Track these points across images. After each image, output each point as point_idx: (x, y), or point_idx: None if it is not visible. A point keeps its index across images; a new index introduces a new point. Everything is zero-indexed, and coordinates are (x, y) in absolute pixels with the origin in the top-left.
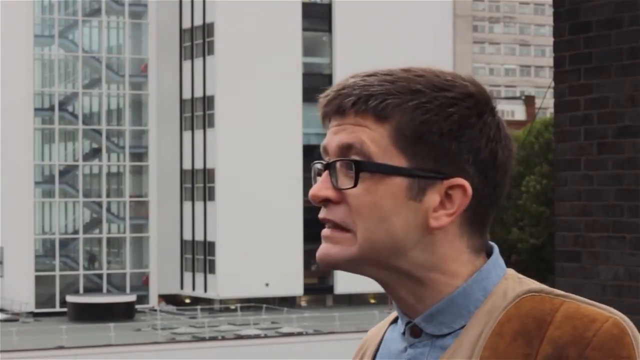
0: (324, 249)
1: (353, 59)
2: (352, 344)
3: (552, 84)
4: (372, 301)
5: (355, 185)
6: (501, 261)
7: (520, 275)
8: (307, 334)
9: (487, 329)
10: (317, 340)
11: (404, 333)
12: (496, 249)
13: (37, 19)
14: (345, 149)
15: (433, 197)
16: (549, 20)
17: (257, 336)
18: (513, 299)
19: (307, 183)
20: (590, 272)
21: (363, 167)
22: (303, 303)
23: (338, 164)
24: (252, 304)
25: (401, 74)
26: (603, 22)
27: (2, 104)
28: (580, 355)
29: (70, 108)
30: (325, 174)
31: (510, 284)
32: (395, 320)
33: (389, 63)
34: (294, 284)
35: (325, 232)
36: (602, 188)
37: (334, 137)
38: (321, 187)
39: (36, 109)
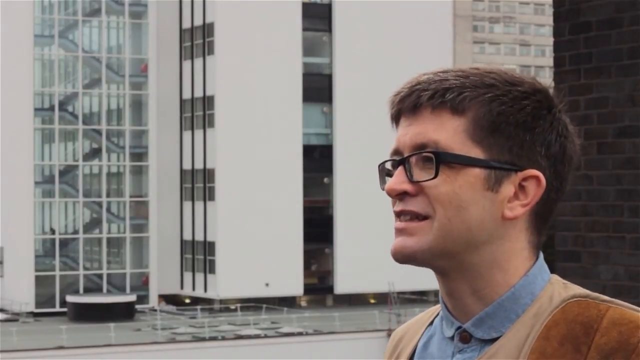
0: (400, 242)
1: (353, 59)
2: (352, 344)
3: (552, 84)
4: (372, 301)
5: (436, 176)
6: (546, 266)
7: (565, 281)
8: (307, 334)
9: (534, 332)
10: (317, 340)
11: (452, 337)
12: (541, 253)
13: (37, 19)
14: (422, 144)
15: (508, 188)
16: (549, 20)
17: (257, 336)
18: (559, 304)
19: (307, 183)
20: (590, 272)
21: (443, 158)
22: (303, 303)
23: (413, 159)
24: (252, 304)
25: (473, 70)
26: (603, 22)
27: (2, 104)
28: None
29: (70, 108)
30: (400, 168)
31: (556, 289)
32: (431, 322)
33: (389, 63)
34: (294, 284)
35: (400, 224)
36: (602, 188)
37: (408, 133)
38: (397, 181)
39: (36, 109)
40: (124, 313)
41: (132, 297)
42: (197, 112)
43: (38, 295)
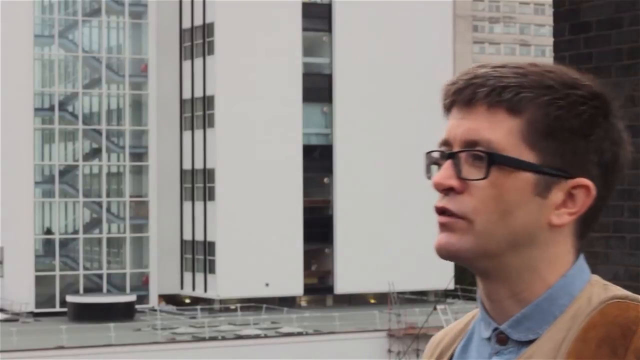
0: (445, 238)
1: (353, 59)
2: (352, 344)
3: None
4: (372, 301)
5: (486, 177)
6: (586, 267)
7: (606, 282)
8: (307, 334)
9: (571, 334)
10: (317, 340)
11: (489, 339)
12: (582, 254)
13: (37, 19)
14: (474, 141)
15: (557, 195)
16: (549, 20)
17: (257, 336)
18: (598, 305)
19: (307, 183)
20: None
21: (495, 160)
22: (303, 303)
23: (463, 155)
24: (252, 304)
25: (531, 68)
26: (603, 22)
27: (2, 104)
28: None
29: (70, 108)
30: (449, 162)
31: (595, 290)
32: (470, 324)
33: (389, 63)
34: (294, 284)
35: (442, 219)
36: None
37: (461, 127)
38: (445, 175)
39: (36, 109)
40: (124, 313)
41: (132, 297)
42: (197, 112)
43: (38, 295)
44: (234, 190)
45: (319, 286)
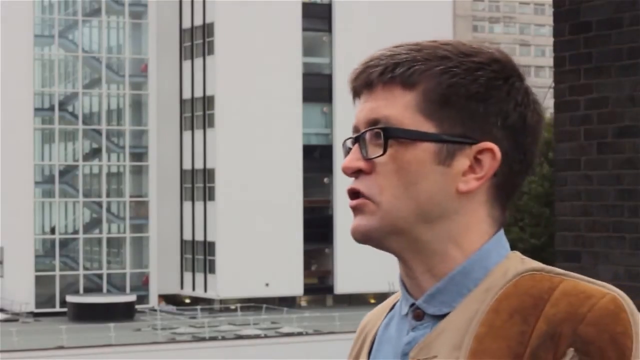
0: (356, 221)
1: (353, 59)
2: (352, 344)
3: (552, 84)
4: (372, 301)
5: (384, 153)
6: (505, 242)
7: (524, 257)
8: (307, 334)
9: (484, 306)
10: (317, 340)
11: (407, 315)
12: (501, 229)
13: (37, 19)
14: (374, 119)
15: (462, 162)
16: (549, 20)
17: (257, 336)
18: (512, 277)
19: (307, 183)
20: (590, 272)
21: (390, 133)
22: (303, 303)
23: (367, 136)
24: (252, 304)
25: (428, 43)
26: (603, 22)
27: (2, 104)
28: (574, 331)
29: (70, 108)
30: (356, 146)
31: (511, 264)
32: (396, 303)
33: None
34: (294, 284)
35: (351, 203)
36: (602, 188)
37: (364, 110)
38: (352, 158)
39: (36, 109)
40: (124, 313)
41: (132, 297)
42: (197, 112)
43: (38, 295)
44: (234, 190)
45: (319, 286)
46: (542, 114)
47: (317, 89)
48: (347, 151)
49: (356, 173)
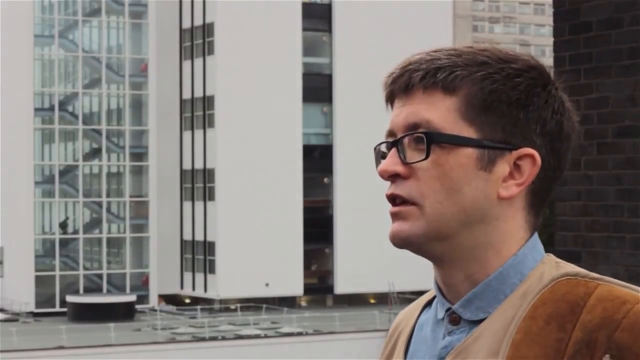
0: (396, 227)
1: (353, 59)
2: (352, 344)
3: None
4: (372, 301)
5: (426, 158)
6: (540, 245)
7: (559, 260)
8: (307, 334)
9: (521, 311)
10: (317, 340)
11: (442, 319)
12: (535, 233)
13: (37, 19)
14: (414, 123)
15: (503, 167)
16: (549, 20)
17: (257, 336)
18: (548, 283)
19: (307, 183)
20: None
21: (434, 139)
22: (303, 303)
23: (406, 140)
24: (252, 304)
25: (465, 49)
26: (603, 22)
27: (2, 104)
28: (610, 338)
29: (70, 108)
30: (393, 150)
31: (547, 268)
32: (429, 303)
33: (389, 63)
34: (294, 284)
35: (393, 209)
36: (602, 188)
37: (401, 114)
38: (390, 162)
39: (36, 109)
40: (124, 313)
41: (132, 297)
42: (197, 112)
43: (38, 295)
44: (234, 190)
45: (319, 286)
46: (576, 122)
47: (317, 89)
48: (380, 155)
49: (392, 177)
